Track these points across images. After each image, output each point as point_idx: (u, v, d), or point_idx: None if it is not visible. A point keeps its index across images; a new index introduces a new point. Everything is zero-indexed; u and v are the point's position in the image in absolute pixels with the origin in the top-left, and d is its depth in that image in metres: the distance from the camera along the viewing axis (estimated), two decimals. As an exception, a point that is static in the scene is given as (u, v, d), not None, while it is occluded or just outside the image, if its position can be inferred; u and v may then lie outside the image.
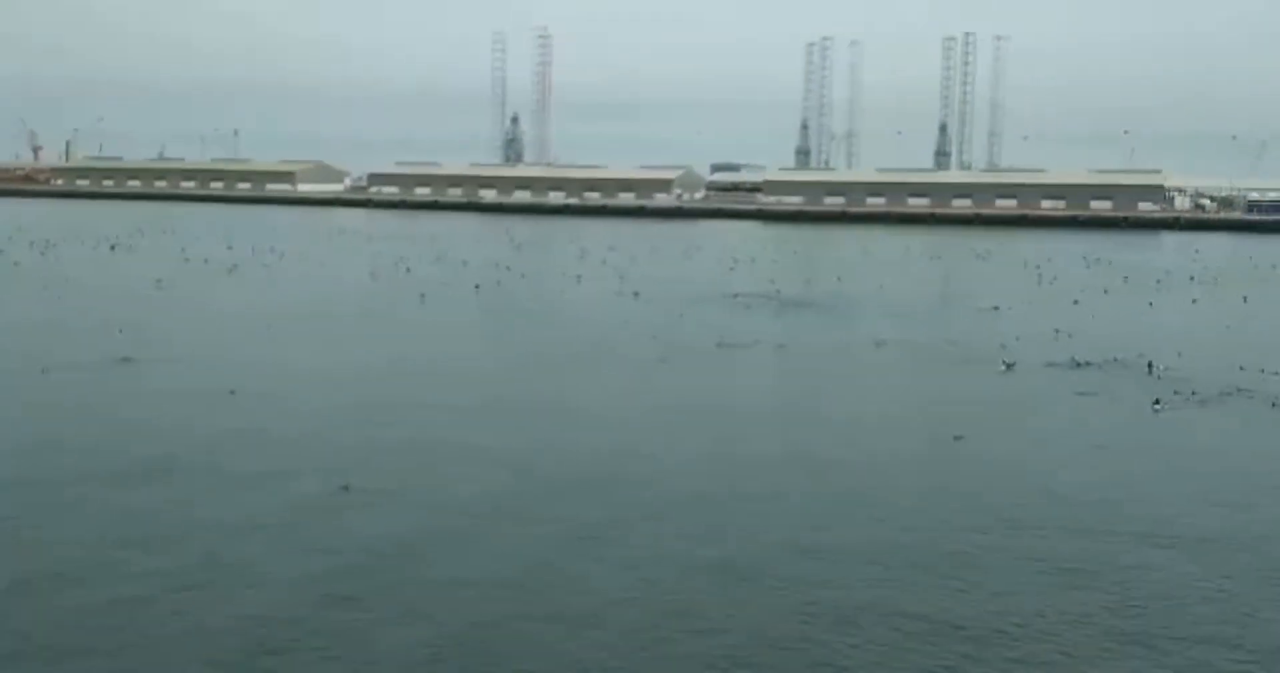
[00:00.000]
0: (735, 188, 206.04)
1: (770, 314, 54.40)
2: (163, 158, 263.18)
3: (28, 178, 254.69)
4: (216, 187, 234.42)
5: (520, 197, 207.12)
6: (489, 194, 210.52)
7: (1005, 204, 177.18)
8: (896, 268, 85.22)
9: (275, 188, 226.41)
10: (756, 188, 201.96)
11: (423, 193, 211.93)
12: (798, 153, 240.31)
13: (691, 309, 55.13)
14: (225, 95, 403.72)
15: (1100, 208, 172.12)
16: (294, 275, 71.18)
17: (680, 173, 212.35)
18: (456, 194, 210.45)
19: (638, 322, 49.73)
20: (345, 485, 22.70)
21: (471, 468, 24.66)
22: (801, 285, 68.76)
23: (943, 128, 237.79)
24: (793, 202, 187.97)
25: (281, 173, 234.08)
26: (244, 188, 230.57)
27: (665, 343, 43.41)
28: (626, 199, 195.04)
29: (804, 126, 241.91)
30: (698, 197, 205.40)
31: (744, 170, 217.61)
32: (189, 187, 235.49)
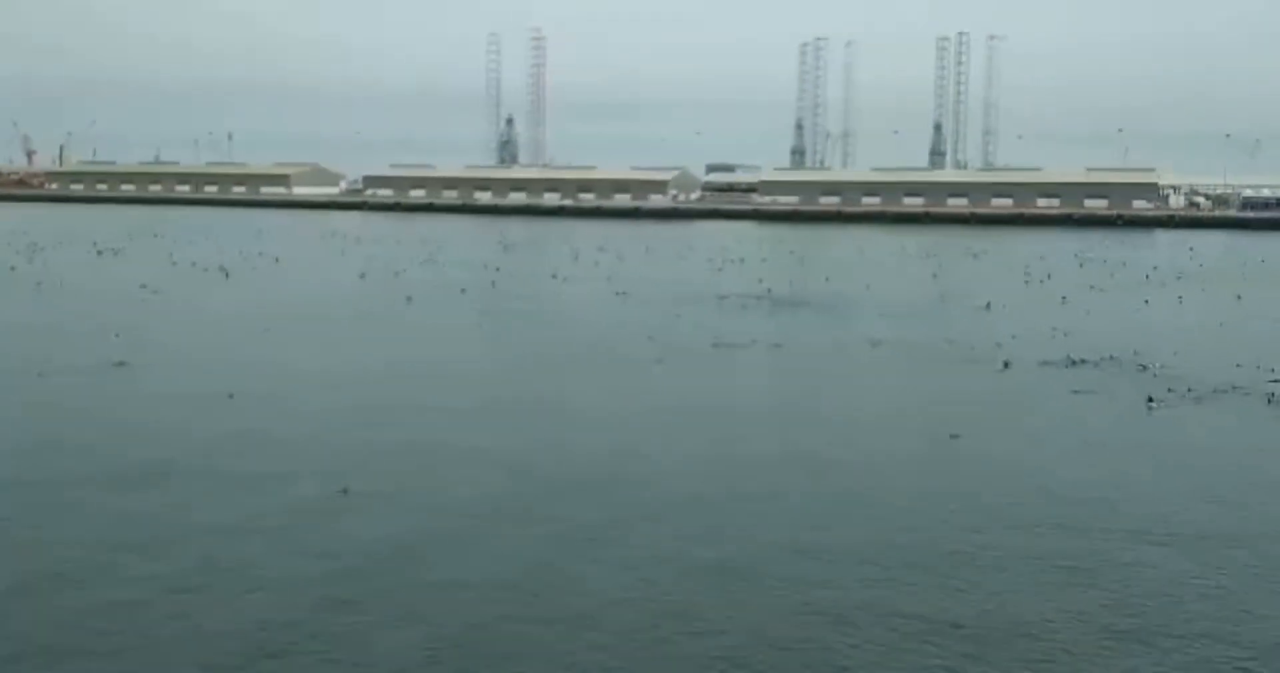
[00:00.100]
0: (730, 188, 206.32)
1: (765, 314, 54.45)
2: (157, 161, 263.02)
3: (21, 182, 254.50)
4: (211, 190, 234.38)
5: (515, 198, 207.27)
6: (484, 196, 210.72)
7: (1001, 203, 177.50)
8: (891, 267, 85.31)
9: (270, 191, 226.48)
10: (752, 188, 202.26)
11: (418, 195, 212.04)
12: (793, 153, 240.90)
13: (687, 309, 55.17)
14: (223, 96, 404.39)
15: (1095, 206, 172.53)
16: (283, 278, 71.18)
17: (675, 173, 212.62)
18: (452, 196, 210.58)
19: (632, 323, 49.75)
20: (344, 488, 22.70)
21: (469, 469, 24.67)
22: (796, 285, 68.84)
23: (937, 127, 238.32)
24: (788, 202, 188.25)
25: (276, 176, 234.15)
26: (239, 191, 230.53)
27: (661, 343, 43.43)
28: (622, 200, 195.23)
29: (799, 127, 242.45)
30: (693, 197, 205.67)
31: (739, 171, 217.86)
32: (183, 190, 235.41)
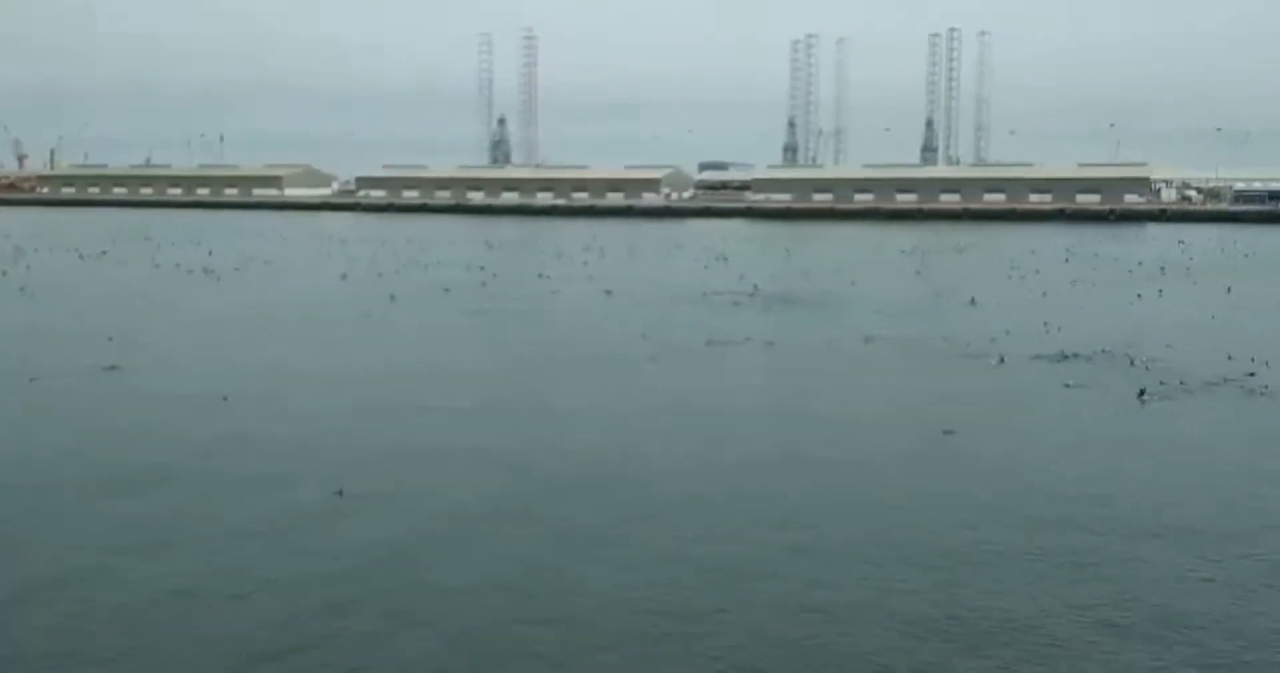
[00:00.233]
0: (723, 186, 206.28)
1: (758, 311, 54.48)
2: (149, 164, 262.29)
3: (12, 186, 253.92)
4: (203, 193, 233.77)
5: (508, 198, 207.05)
6: (477, 196, 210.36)
7: (993, 198, 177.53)
8: (884, 263, 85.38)
9: (262, 193, 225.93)
10: (745, 186, 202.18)
11: (410, 196, 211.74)
12: (785, 150, 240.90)
13: (680, 308, 55.18)
14: (215, 96, 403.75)
15: (1087, 201, 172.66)
16: (271, 280, 71.08)
17: (668, 172, 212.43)
18: (445, 197, 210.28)
19: (625, 321, 49.74)
20: (339, 490, 22.68)
21: (464, 470, 24.65)
22: (789, 282, 68.88)
23: (929, 123, 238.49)
24: (781, 199, 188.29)
25: (268, 178, 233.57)
26: (231, 194, 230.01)
27: (655, 342, 43.43)
28: (615, 199, 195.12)
29: (791, 124, 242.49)
30: (686, 196, 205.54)
31: (732, 169, 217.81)
32: (175, 193, 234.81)
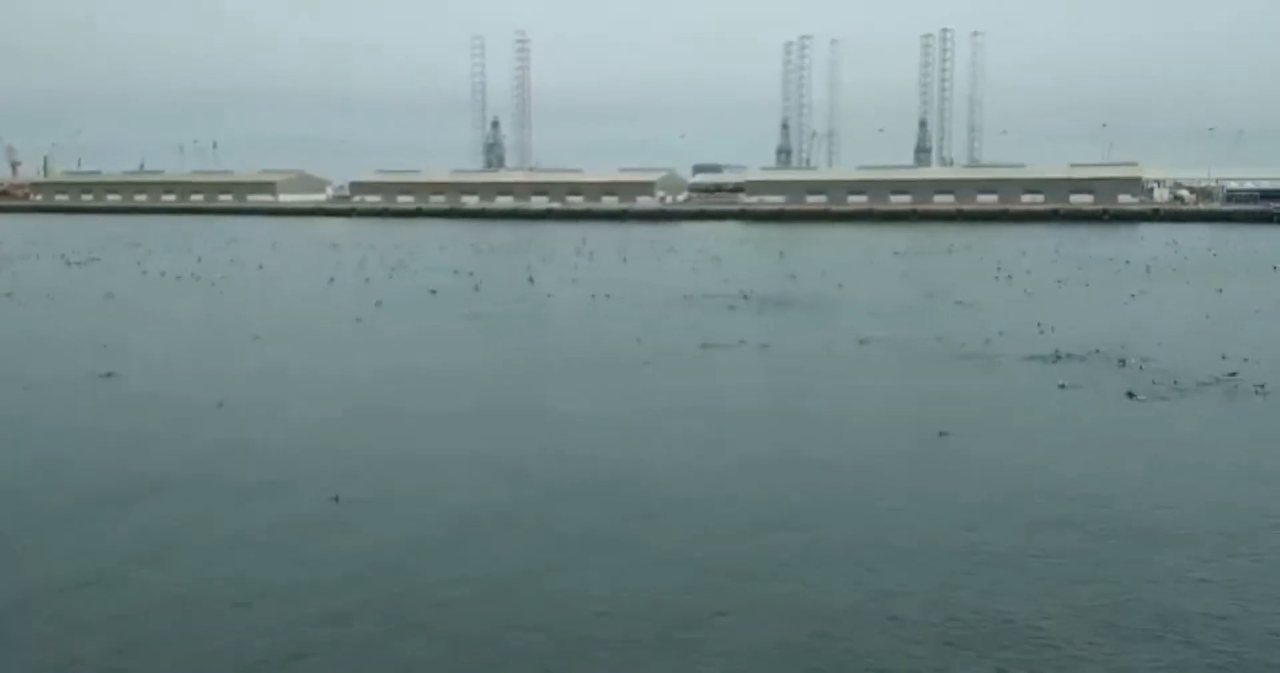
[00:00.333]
0: (717, 189, 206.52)
1: (753, 314, 54.52)
2: (142, 170, 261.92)
3: (5, 193, 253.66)
4: (197, 199, 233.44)
5: (502, 202, 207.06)
6: (471, 201, 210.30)
7: (986, 199, 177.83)
8: (878, 265, 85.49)
9: (256, 199, 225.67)
10: (739, 188, 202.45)
11: (405, 201, 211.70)
12: (779, 153, 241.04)
13: (674, 311, 55.21)
14: (209, 101, 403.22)
15: (1080, 201, 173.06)
16: (257, 287, 71.01)
17: (662, 175, 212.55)
18: (439, 201, 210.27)
19: (619, 325, 49.76)
20: (335, 496, 22.67)
21: (460, 475, 24.64)
22: (783, 284, 68.95)
23: (922, 124, 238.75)
24: (775, 201, 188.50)
25: (262, 183, 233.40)
26: (225, 200, 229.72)
27: (649, 345, 43.45)
28: (609, 203, 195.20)
29: (784, 126, 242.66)
30: (680, 199, 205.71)
31: (726, 171, 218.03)
32: (169, 200, 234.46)
